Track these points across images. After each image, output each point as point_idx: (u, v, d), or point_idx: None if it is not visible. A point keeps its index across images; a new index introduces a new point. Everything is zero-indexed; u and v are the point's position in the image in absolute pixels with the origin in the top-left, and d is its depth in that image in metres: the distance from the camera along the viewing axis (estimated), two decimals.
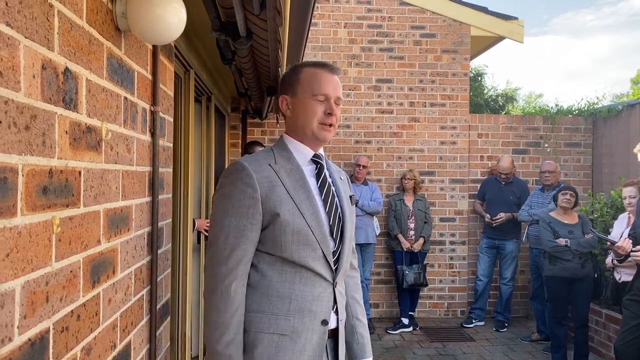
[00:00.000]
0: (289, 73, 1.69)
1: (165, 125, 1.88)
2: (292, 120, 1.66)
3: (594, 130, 6.26)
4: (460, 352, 5.08)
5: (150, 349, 1.68)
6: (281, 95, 1.66)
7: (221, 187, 1.39)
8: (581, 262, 4.33)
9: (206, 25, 2.54)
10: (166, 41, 1.40)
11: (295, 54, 3.92)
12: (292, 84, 1.67)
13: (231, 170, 1.39)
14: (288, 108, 1.65)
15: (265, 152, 1.54)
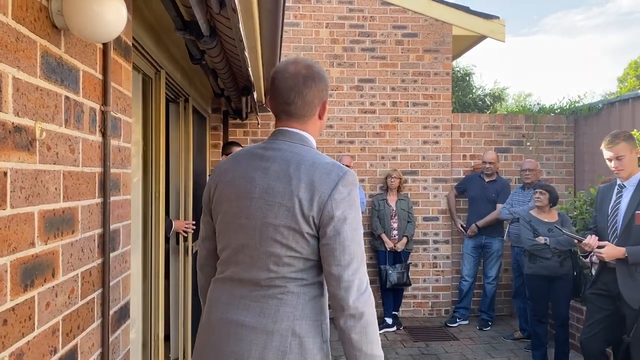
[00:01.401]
0: (325, 73, 1.63)
1: (121, 126, 1.85)
2: (321, 126, 1.65)
3: (575, 128, 6.28)
4: (443, 351, 5.08)
5: (102, 353, 1.65)
6: (325, 100, 1.61)
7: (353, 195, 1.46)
8: (560, 260, 4.34)
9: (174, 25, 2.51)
10: (106, 39, 1.37)
11: (271, 54, 3.91)
12: (328, 89, 1.64)
13: (356, 179, 1.49)
14: (324, 112, 1.63)
15: (324, 155, 1.55)
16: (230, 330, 1.45)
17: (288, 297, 1.44)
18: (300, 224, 1.41)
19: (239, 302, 1.47)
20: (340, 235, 1.41)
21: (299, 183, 1.42)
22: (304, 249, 1.44)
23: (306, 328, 1.45)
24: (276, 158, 1.49)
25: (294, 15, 5.99)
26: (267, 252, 1.44)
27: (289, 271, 1.44)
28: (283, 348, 1.42)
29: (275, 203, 1.43)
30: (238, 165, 1.54)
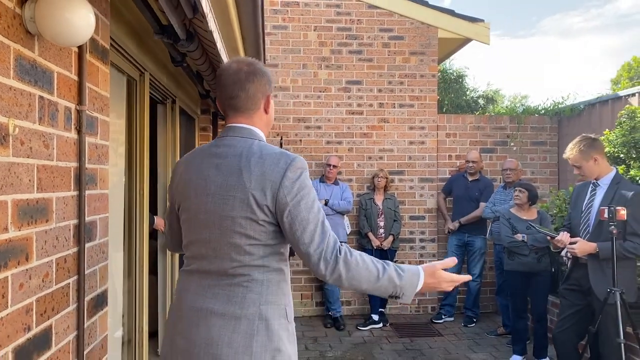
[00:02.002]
0: (268, 70, 1.75)
1: (99, 124, 1.97)
2: (268, 120, 1.76)
3: (559, 129, 6.41)
4: (427, 346, 5.19)
5: (78, 336, 1.77)
6: (269, 94, 1.73)
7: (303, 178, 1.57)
8: (537, 257, 4.46)
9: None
10: (77, 43, 1.50)
11: (255, 55, 4.03)
12: (272, 84, 1.76)
13: (304, 164, 1.60)
14: (268, 106, 1.73)
15: (273, 146, 1.66)
16: (200, 318, 1.56)
17: (253, 285, 1.56)
18: (256, 213, 1.53)
19: (207, 292, 1.58)
20: (298, 217, 1.53)
21: (250, 175, 1.54)
22: (262, 236, 1.55)
23: (271, 312, 1.57)
24: (227, 154, 1.60)
25: (283, 18, 6.12)
26: (228, 243, 1.55)
27: (251, 259, 1.56)
28: (250, 331, 1.54)
29: (230, 196, 1.54)
30: (193, 165, 1.66)
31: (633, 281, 3.37)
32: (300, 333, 5.57)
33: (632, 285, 3.37)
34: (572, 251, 3.46)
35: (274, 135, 6.13)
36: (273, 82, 1.77)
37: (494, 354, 4.98)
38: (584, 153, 3.43)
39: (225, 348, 1.52)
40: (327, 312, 5.89)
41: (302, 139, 6.19)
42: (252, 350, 1.52)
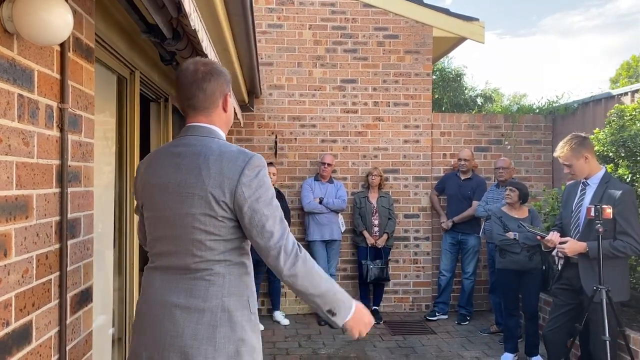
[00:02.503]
0: (225, 71, 1.79)
1: (83, 122, 1.99)
2: (227, 119, 1.81)
3: (553, 127, 6.42)
4: (419, 344, 5.22)
5: (60, 331, 1.79)
6: (227, 94, 1.77)
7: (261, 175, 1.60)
8: (529, 255, 4.48)
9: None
10: (54, 42, 1.52)
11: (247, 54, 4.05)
12: (229, 85, 1.80)
13: (262, 162, 1.63)
14: (227, 104, 1.78)
15: (232, 144, 1.70)
16: (165, 312, 1.61)
17: (215, 278, 1.61)
18: (215, 210, 1.57)
19: (170, 286, 1.63)
20: (257, 213, 1.57)
21: (208, 173, 1.58)
22: (222, 231, 1.59)
23: (234, 303, 1.61)
24: (186, 153, 1.64)
25: (278, 17, 6.14)
26: (189, 239, 1.60)
27: (212, 254, 1.60)
28: (214, 323, 1.58)
29: (189, 194, 1.59)
30: (154, 164, 1.70)
31: (624, 280, 3.39)
32: (295, 331, 5.60)
33: (623, 283, 3.38)
34: (563, 251, 3.48)
35: (268, 133, 6.16)
36: (230, 82, 1.81)
37: (486, 351, 5.01)
38: (575, 151, 3.45)
39: (189, 340, 1.57)
40: None
41: (297, 137, 6.20)
42: (215, 341, 1.57)
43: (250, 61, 4.16)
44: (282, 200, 5.78)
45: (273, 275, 5.80)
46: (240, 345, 1.61)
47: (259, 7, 6.10)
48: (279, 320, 5.84)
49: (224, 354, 1.58)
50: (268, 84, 6.15)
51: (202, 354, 1.56)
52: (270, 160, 6.00)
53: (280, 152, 6.17)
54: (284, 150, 6.18)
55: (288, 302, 6.19)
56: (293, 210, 6.05)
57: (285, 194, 5.98)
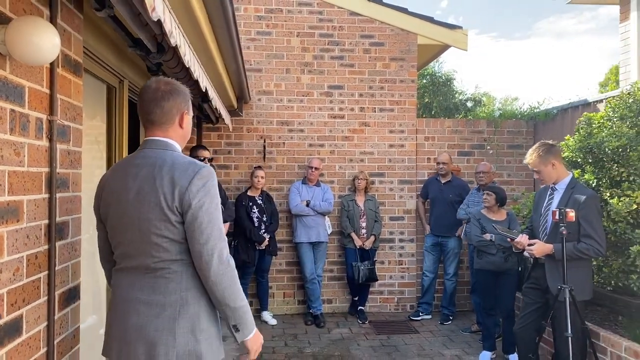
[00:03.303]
0: (185, 90, 1.98)
1: (71, 132, 2.15)
2: (184, 134, 1.98)
3: (535, 133, 6.61)
4: (402, 343, 5.38)
5: (49, 326, 1.95)
6: (184, 111, 1.94)
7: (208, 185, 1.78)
8: (505, 256, 4.65)
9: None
10: (44, 63, 1.68)
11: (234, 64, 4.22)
12: (188, 103, 1.98)
13: (210, 173, 1.80)
14: (185, 123, 1.96)
15: (185, 156, 1.88)
16: (131, 307, 1.80)
17: (173, 276, 1.79)
18: (167, 215, 1.75)
19: (134, 285, 1.82)
20: (197, 219, 1.75)
21: (162, 182, 1.76)
22: (175, 234, 1.77)
23: (192, 296, 1.81)
24: (144, 164, 1.82)
25: (267, 24, 6.30)
26: (148, 242, 1.78)
27: (169, 255, 1.79)
28: (174, 315, 1.78)
29: (146, 201, 1.77)
30: (116, 176, 1.87)
31: (588, 280, 3.56)
32: (281, 330, 5.76)
33: (587, 283, 3.55)
34: (531, 252, 3.65)
35: (257, 138, 6.32)
36: (189, 101, 1.98)
37: (466, 349, 5.18)
38: (543, 158, 3.63)
39: (152, 331, 1.76)
40: (309, 310, 6.07)
41: (285, 141, 6.37)
42: (175, 332, 1.76)
43: (237, 68, 4.32)
44: (270, 202, 5.95)
45: (261, 277, 5.97)
46: (199, 334, 1.80)
47: (248, 15, 6.27)
48: (267, 320, 5.99)
49: (183, 342, 1.77)
50: (257, 90, 6.31)
51: (164, 343, 1.75)
52: (259, 164, 6.16)
53: (269, 156, 6.33)
54: (272, 154, 6.34)
55: (276, 302, 6.35)
56: (281, 213, 6.21)
57: (273, 196, 6.14)
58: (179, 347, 1.76)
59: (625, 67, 6.71)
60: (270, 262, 6.01)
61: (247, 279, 5.89)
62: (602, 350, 4.10)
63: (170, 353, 1.75)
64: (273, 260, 6.18)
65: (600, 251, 3.41)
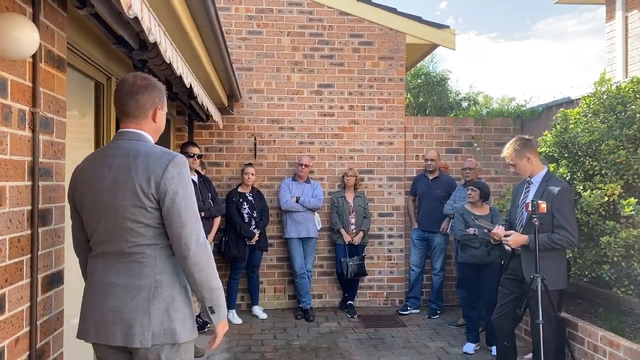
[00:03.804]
0: (160, 86, 2.09)
1: (54, 124, 2.26)
2: (157, 128, 2.10)
3: (522, 130, 6.72)
4: (389, 336, 5.49)
5: (31, 307, 2.06)
6: (158, 106, 2.06)
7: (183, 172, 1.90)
8: (487, 250, 4.76)
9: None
10: (25, 56, 1.79)
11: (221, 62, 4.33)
12: (162, 99, 2.10)
13: (184, 161, 1.92)
14: (158, 117, 2.07)
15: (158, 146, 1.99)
16: (107, 291, 1.91)
17: (147, 260, 1.90)
18: (143, 202, 1.86)
19: (110, 269, 1.93)
20: (175, 204, 1.87)
21: (137, 171, 1.87)
22: (151, 220, 1.88)
23: (166, 279, 1.92)
24: (118, 155, 1.93)
25: (257, 24, 6.42)
26: (122, 228, 1.89)
27: (143, 240, 1.89)
28: (148, 297, 1.88)
29: (121, 189, 1.87)
30: (90, 166, 1.98)
31: (562, 270, 3.66)
32: (271, 324, 5.86)
33: (561, 273, 3.66)
34: (507, 243, 3.77)
35: (248, 136, 6.43)
36: (164, 97, 2.09)
37: (451, 342, 5.28)
38: (518, 152, 3.74)
39: (128, 313, 1.87)
40: (299, 304, 6.18)
41: (275, 139, 6.48)
42: (150, 312, 1.87)
43: (225, 66, 4.43)
44: (260, 199, 6.05)
45: (252, 272, 6.08)
46: (173, 314, 1.91)
47: (239, 15, 6.39)
48: (258, 315, 6.09)
49: (157, 322, 1.87)
50: (248, 88, 6.42)
51: (139, 324, 1.86)
52: (250, 161, 6.28)
53: (260, 153, 6.44)
54: (263, 152, 6.46)
55: (267, 297, 6.45)
56: (271, 209, 6.32)
57: (264, 193, 6.25)
58: (154, 326, 1.87)
59: (611, 66, 6.83)
60: (260, 258, 6.12)
61: (238, 274, 6.00)
62: (580, 340, 4.22)
63: (146, 332, 1.86)
64: (264, 256, 6.29)
65: (573, 242, 3.52)
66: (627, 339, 3.81)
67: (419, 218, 6.24)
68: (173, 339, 1.90)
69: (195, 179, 4.74)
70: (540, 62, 67.23)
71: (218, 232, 5.80)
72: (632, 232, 3.29)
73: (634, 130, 3.38)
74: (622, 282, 3.47)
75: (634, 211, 3.18)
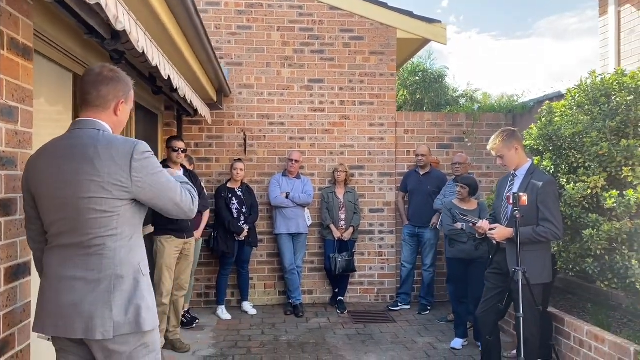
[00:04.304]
0: (126, 80, 2.05)
1: (19, 113, 2.23)
2: (118, 121, 2.05)
3: (513, 125, 6.67)
4: (378, 332, 5.46)
5: None
6: (120, 99, 2.01)
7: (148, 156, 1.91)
8: (475, 245, 4.72)
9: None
10: None
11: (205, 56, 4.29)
12: (127, 93, 2.05)
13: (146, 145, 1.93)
14: (120, 111, 2.03)
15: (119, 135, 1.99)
16: (65, 285, 1.86)
17: (106, 252, 1.86)
18: (111, 191, 1.83)
19: (67, 262, 1.88)
20: (153, 186, 1.89)
21: (100, 160, 1.82)
22: (115, 210, 1.85)
23: (126, 271, 1.88)
24: (77, 145, 1.87)
25: (247, 19, 6.38)
26: (84, 219, 1.84)
27: (105, 231, 1.85)
28: (109, 289, 1.85)
29: (83, 180, 1.82)
30: (45, 157, 1.92)
31: (546, 263, 3.62)
32: (260, 320, 5.84)
33: (545, 267, 3.61)
34: (492, 236, 3.73)
35: (238, 131, 6.40)
36: (129, 92, 2.06)
37: (439, 337, 5.25)
38: (506, 142, 3.70)
39: (88, 306, 1.83)
40: (289, 300, 6.15)
41: (266, 135, 6.45)
42: (111, 304, 1.83)
43: (208, 57, 4.37)
44: (250, 194, 6.02)
45: (242, 268, 6.05)
46: (137, 302, 1.87)
47: (229, 10, 6.36)
48: (247, 310, 6.07)
49: (120, 313, 1.84)
50: (238, 84, 6.39)
51: (100, 316, 1.82)
52: (239, 157, 6.25)
53: (250, 149, 6.41)
54: (253, 147, 6.43)
55: (257, 293, 6.43)
56: (261, 205, 6.29)
57: (254, 189, 6.22)
58: (116, 317, 1.83)
59: (604, 61, 6.77)
60: (250, 253, 6.09)
61: (227, 269, 5.97)
62: (567, 335, 4.18)
63: (107, 324, 1.82)
64: (254, 252, 6.26)
65: (558, 234, 3.48)
66: (612, 334, 3.77)
67: (410, 214, 6.20)
68: (138, 328, 1.86)
69: (180, 173, 4.70)
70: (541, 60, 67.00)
71: (207, 228, 5.78)
72: (614, 225, 3.25)
73: (616, 122, 3.33)
74: (605, 275, 3.43)
75: (615, 203, 3.14)
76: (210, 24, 6.30)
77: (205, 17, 6.30)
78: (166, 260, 4.54)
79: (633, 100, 3.32)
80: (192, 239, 4.85)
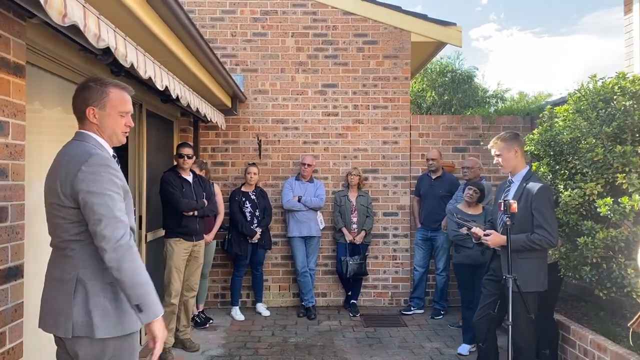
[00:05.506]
0: (97, 87, 2.16)
1: (10, 127, 2.41)
2: (100, 127, 2.15)
3: (531, 128, 6.54)
4: (387, 335, 5.47)
5: None
6: (90, 106, 2.12)
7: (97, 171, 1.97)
8: (481, 250, 4.68)
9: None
10: None
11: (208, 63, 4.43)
12: (101, 100, 2.15)
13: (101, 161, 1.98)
14: (95, 117, 2.14)
15: (94, 146, 2.05)
16: (48, 284, 2.07)
17: (73, 254, 2.01)
18: (63, 200, 1.97)
19: (52, 262, 2.08)
20: (88, 203, 1.94)
21: (61, 170, 1.99)
22: (72, 217, 1.99)
23: (88, 274, 2.00)
24: (60, 154, 2.07)
25: (262, 25, 6.51)
26: (53, 223, 2.04)
27: (68, 235, 2.01)
28: (70, 290, 1.99)
29: (51, 187, 2.02)
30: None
31: (541, 271, 3.56)
32: (272, 321, 5.95)
33: (540, 275, 3.55)
34: (486, 243, 3.70)
35: (253, 136, 6.53)
36: (104, 98, 2.11)
37: (448, 343, 5.22)
38: (507, 142, 3.67)
39: (53, 304, 2.01)
40: (301, 302, 6.24)
41: (280, 139, 6.56)
42: (71, 305, 1.98)
43: (215, 67, 4.51)
44: (263, 198, 6.15)
45: (256, 270, 6.18)
46: (93, 308, 1.98)
47: (245, 17, 6.50)
48: (261, 312, 6.19)
49: (78, 314, 1.97)
50: (253, 89, 6.53)
51: (63, 314, 1.98)
52: (253, 161, 6.38)
53: (265, 153, 6.54)
54: (268, 152, 6.55)
55: (272, 295, 6.54)
56: (275, 209, 6.40)
57: (268, 192, 6.34)
58: (74, 318, 1.97)
59: (629, 61, 6.55)
60: (263, 256, 6.21)
61: (241, 271, 6.11)
62: (572, 343, 4.11)
63: (68, 323, 1.97)
64: (269, 254, 6.38)
65: (552, 242, 3.42)
66: (615, 343, 3.68)
67: (422, 217, 6.18)
68: (91, 333, 1.97)
69: (189, 178, 4.87)
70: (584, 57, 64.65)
71: (222, 230, 5.94)
72: (610, 233, 3.17)
73: (613, 128, 3.24)
74: (604, 284, 3.34)
75: (610, 211, 3.06)
76: (227, 31, 6.47)
77: (221, 25, 6.48)
78: (175, 261, 4.70)
79: (632, 105, 3.23)
80: (202, 241, 5.00)
